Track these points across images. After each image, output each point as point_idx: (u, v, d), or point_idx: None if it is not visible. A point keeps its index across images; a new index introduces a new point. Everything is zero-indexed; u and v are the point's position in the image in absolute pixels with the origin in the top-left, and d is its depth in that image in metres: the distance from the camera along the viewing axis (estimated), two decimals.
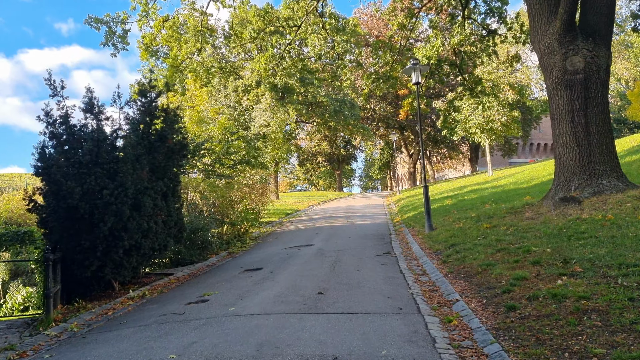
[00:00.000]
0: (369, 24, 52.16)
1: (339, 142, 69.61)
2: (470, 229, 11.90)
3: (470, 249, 9.71)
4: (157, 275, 11.54)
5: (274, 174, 42.90)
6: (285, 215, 26.97)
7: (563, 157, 12.52)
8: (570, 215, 10.65)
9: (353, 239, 14.52)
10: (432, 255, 10.53)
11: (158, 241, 9.77)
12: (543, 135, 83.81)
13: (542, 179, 22.89)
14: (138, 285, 10.13)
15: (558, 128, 12.69)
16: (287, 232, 18.57)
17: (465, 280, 7.65)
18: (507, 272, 7.42)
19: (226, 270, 11.23)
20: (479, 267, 8.09)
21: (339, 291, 7.44)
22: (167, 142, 9.70)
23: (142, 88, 9.85)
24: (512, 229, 10.68)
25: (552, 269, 7.05)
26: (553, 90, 12.76)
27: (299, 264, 10.39)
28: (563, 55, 12.47)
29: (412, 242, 12.91)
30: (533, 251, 8.36)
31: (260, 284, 8.52)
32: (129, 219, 8.90)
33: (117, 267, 9.13)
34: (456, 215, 15.71)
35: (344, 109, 42.66)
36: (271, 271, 9.87)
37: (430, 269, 9.02)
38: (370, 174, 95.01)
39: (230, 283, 9.07)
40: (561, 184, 12.48)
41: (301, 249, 13.15)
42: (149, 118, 9.75)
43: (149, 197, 9.34)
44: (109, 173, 8.82)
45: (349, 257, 10.92)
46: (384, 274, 8.83)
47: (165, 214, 10.05)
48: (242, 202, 18.86)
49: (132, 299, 8.72)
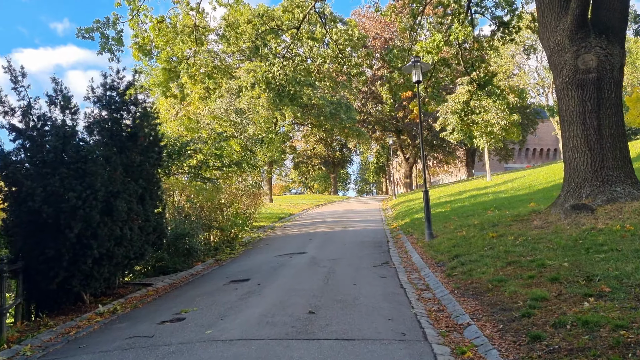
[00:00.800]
0: (367, 25, 51.40)
1: (335, 145, 68.81)
2: (475, 238, 11.05)
3: (477, 260, 8.86)
4: (136, 285, 10.61)
5: (268, 177, 41.97)
6: (278, 220, 26.06)
7: (573, 162, 11.71)
8: (584, 225, 9.83)
9: (348, 246, 13.64)
10: (434, 266, 9.67)
11: (134, 249, 8.86)
12: (539, 141, 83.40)
13: (544, 184, 22.12)
14: (112, 298, 9.21)
15: (568, 131, 11.88)
16: (279, 238, 17.68)
17: (475, 298, 6.79)
18: (522, 290, 6.57)
19: (210, 280, 10.32)
20: (489, 283, 7.23)
21: (332, 310, 6.55)
22: (139, 139, 8.78)
23: (108, 80, 8.89)
24: (521, 238, 9.85)
25: (575, 287, 6.21)
26: (563, 90, 11.96)
27: (290, 275, 9.51)
28: (574, 53, 11.68)
29: (411, 251, 12.05)
30: (548, 265, 7.53)
31: (245, 300, 7.62)
32: (99, 224, 7.99)
33: (87, 278, 8.20)
34: (457, 222, 14.88)
35: (339, 111, 41.84)
36: (258, 283, 8.97)
37: (434, 284, 8.16)
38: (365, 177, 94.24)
39: (212, 297, 8.17)
40: (571, 190, 11.66)
41: (293, 257, 12.26)
42: (118, 114, 8.83)
43: (123, 200, 8.44)
44: (76, 174, 7.91)
45: (344, 268, 10.04)
46: (382, 289, 7.95)
47: (142, 218, 9.14)
48: (231, 206, 17.96)
49: (101, 314, 7.80)
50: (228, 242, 16.66)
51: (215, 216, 16.34)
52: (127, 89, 9.08)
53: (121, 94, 8.96)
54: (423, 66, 14.04)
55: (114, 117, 8.77)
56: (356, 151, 73.76)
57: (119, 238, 8.41)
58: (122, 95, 8.98)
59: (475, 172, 67.27)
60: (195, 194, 14.97)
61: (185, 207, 13.99)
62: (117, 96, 8.92)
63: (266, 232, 20.43)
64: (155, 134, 9.77)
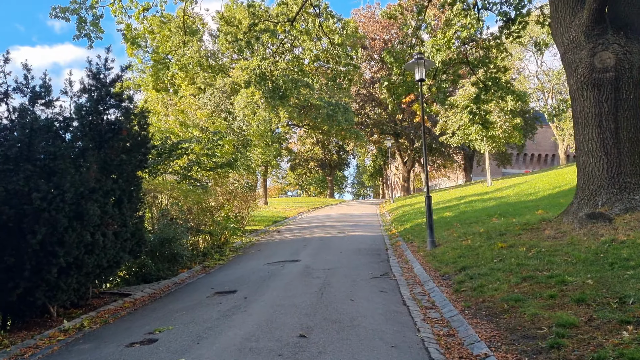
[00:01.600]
0: (366, 26, 50.67)
1: (332, 148, 67.99)
2: (482, 248, 10.22)
3: (487, 274, 8.02)
4: (113, 295, 9.73)
5: (263, 179, 41.09)
6: (272, 223, 25.20)
7: (588, 167, 10.90)
8: (603, 236, 9.00)
9: (345, 254, 12.79)
10: (439, 280, 8.82)
11: (107, 257, 7.97)
12: (537, 146, 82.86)
13: (548, 190, 21.33)
14: (84, 310, 8.33)
15: (582, 134, 11.07)
16: (272, 243, 16.80)
17: (490, 320, 5.94)
18: (544, 312, 5.73)
19: (194, 291, 9.44)
20: (505, 303, 6.39)
21: (327, 333, 5.69)
22: (120, 134, 7.89)
23: (93, 68, 8.02)
24: (533, 250, 9.01)
25: (607, 312, 5.38)
26: (578, 90, 11.15)
27: (280, 288, 8.63)
28: (591, 51, 10.88)
29: (412, 261, 11.20)
30: (570, 283, 6.69)
31: (228, 317, 6.75)
32: (66, 229, 7.11)
33: (52, 289, 7.32)
34: (460, 229, 14.05)
35: (337, 113, 41.04)
36: (245, 297, 8.10)
37: (440, 301, 7.31)
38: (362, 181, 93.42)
39: (192, 313, 7.29)
40: (586, 197, 10.84)
41: (285, 265, 11.39)
42: (100, 106, 7.94)
43: (96, 202, 7.56)
44: (43, 172, 7.04)
45: (340, 279, 9.18)
46: (383, 306, 7.10)
47: (118, 223, 8.26)
48: (222, 209, 17.09)
49: (65, 331, 6.91)
50: (218, 247, 15.80)
51: (204, 219, 15.47)
52: (114, 80, 8.21)
53: (107, 84, 8.07)
54: (427, 63, 13.22)
55: (95, 107, 7.88)
56: (353, 154, 72.97)
57: (89, 245, 7.53)
58: (108, 86, 8.09)
59: (473, 177, 66.58)
60: (182, 196, 14.08)
61: (171, 210, 13.08)
62: (102, 86, 8.03)
63: (259, 236, 19.56)
64: (145, 133, 8.89)
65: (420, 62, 13.00)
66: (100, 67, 8.09)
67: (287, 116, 34.47)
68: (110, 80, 8.12)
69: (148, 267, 11.59)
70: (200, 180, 15.82)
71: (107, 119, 7.96)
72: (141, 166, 8.91)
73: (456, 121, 32.74)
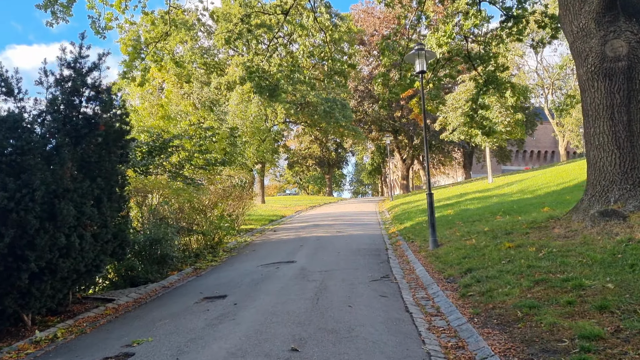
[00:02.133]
0: (365, 21, 50.03)
1: (330, 145, 67.38)
2: (488, 248, 9.63)
3: (495, 277, 7.44)
4: (96, 300, 9.13)
5: (260, 177, 40.48)
6: (268, 222, 24.60)
7: (599, 162, 10.32)
8: (618, 235, 8.43)
9: (343, 254, 12.20)
10: (443, 282, 8.24)
11: (85, 261, 7.37)
12: (536, 143, 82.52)
13: (552, 187, 20.76)
14: (62, 317, 7.74)
15: (593, 127, 10.49)
16: (268, 243, 16.21)
17: (502, 330, 5.36)
18: (563, 321, 5.15)
19: (181, 296, 8.85)
20: (518, 310, 5.81)
21: (321, 346, 5.11)
22: (97, 128, 7.28)
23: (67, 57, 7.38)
24: (544, 250, 8.43)
25: (635, 320, 4.80)
26: (588, 81, 10.56)
27: (273, 292, 8.04)
28: (602, 39, 10.29)
29: (414, 262, 10.62)
30: (588, 287, 6.11)
31: (214, 327, 6.16)
32: (38, 231, 6.51)
33: (24, 296, 6.73)
34: (463, 228, 13.47)
35: (334, 109, 40.43)
36: (235, 303, 7.51)
37: (446, 307, 6.72)
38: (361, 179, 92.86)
39: (176, 321, 6.70)
40: (597, 194, 10.26)
41: (280, 267, 10.80)
42: (76, 98, 7.33)
43: (71, 202, 6.95)
44: (10, 168, 6.44)
45: (337, 283, 8.59)
46: (384, 313, 6.51)
47: (98, 224, 7.66)
48: (216, 208, 16.48)
49: (36, 343, 6.31)
50: (211, 247, 15.21)
51: (196, 219, 14.87)
52: (91, 69, 7.57)
53: (82, 74, 7.43)
54: (428, 54, 12.61)
55: (70, 99, 7.26)
56: (352, 151, 72.38)
57: (64, 248, 6.93)
58: (84, 76, 7.46)
59: (473, 174, 66.05)
60: (173, 194, 13.48)
61: (160, 210, 12.47)
62: (78, 76, 7.40)
63: (254, 236, 18.96)
64: (122, 125, 8.26)
65: (421, 53, 12.41)
66: (76, 55, 7.44)
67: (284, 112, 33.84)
68: (86, 69, 7.48)
69: (136, 269, 11.01)
70: (193, 178, 15.17)
71: (85, 112, 7.34)
72: (122, 161, 8.30)
73: (456, 117, 32.14)
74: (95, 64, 7.61)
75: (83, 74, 7.43)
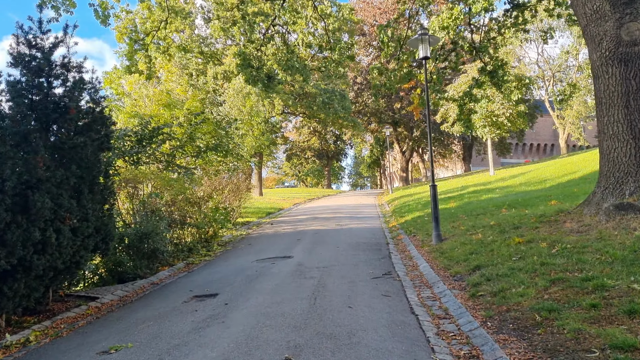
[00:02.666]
0: (365, 11, 49.22)
1: (329, 138, 66.72)
2: (496, 244, 9.09)
3: (507, 275, 6.90)
4: (79, 298, 8.57)
5: (258, 169, 39.87)
6: (266, 215, 24.05)
7: (613, 153, 9.75)
8: (636, 230, 7.88)
9: (342, 249, 11.66)
10: (449, 280, 7.69)
11: (63, 257, 6.79)
12: (536, 136, 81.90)
13: (558, 179, 20.22)
14: (41, 317, 7.18)
15: (607, 115, 9.91)
16: (264, 237, 15.66)
17: (520, 337, 4.82)
18: (589, 327, 4.62)
19: (170, 294, 8.30)
20: (536, 313, 5.27)
21: (319, 355, 4.57)
22: (68, 112, 6.67)
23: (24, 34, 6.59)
24: (557, 246, 7.88)
25: None
26: (602, 66, 9.97)
27: (268, 291, 7.50)
28: (617, 22, 9.69)
29: (417, 257, 10.08)
30: (611, 287, 5.57)
31: (201, 331, 5.61)
32: (9, 225, 5.94)
33: None
34: (467, 221, 12.93)
35: (333, 100, 39.75)
36: (226, 302, 6.96)
37: (455, 308, 6.17)
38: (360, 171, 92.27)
39: (161, 324, 6.15)
40: (610, 186, 9.70)
41: (276, 262, 10.26)
42: (43, 79, 6.69)
43: (47, 194, 6.37)
44: None
45: (336, 280, 8.05)
46: (388, 315, 5.96)
47: (77, 217, 7.08)
48: (211, 200, 15.91)
49: (5, 349, 5.76)
50: (205, 241, 14.67)
51: (190, 211, 14.30)
52: (54, 45, 6.91)
53: (45, 51, 6.79)
54: (432, 40, 12.01)
55: (37, 82, 6.63)
56: (350, 144, 71.73)
57: (39, 243, 6.36)
58: (48, 54, 6.82)
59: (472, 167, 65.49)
60: (165, 185, 12.90)
61: (150, 202, 11.89)
62: (40, 54, 6.75)
63: (251, 229, 18.41)
64: (100, 108, 7.65)
65: (425, 38, 11.80)
66: (35, 30, 6.72)
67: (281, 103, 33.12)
68: (49, 45, 6.80)
69: (124, 264, 10.46)
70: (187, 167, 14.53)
71: (53, 93, 6.69)
72: (103, 148, 7.69)
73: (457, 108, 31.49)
74: (60, 39, 6.93)
75: (46, 51, 6.75)
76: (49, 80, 6.72)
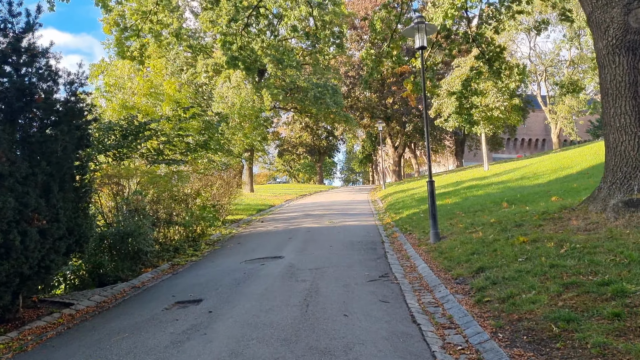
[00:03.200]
0: (357, 4, 48.58)
1: (321, 133, 66.08)
2: (499, 243, 8.58)
3: (514, 278, 6.38)
4: (54, 304, 7.96)
5: (249, 165, 39.18)
6: (256, 212, 23.43)
7: (620, 146, 9.27)
8: None
9: (336, 248, 11.12)
10: (451, 284, 7.18)
11: (29, 262, 6.17)
12: (527, 131, 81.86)
13: (554, 174, 19.81)
14: (8, 327, 6.57)
15: (613, 107, 9.42)
16: (254, 235, 15.08)
17: (537, 351, 4.30)
18: (615, 341, 4.11)
19: (151, 300, 7.71)
20: (551, 323, 4.76)
21: None
22: (33, 100, 6.06)
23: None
24: (566, 246, 7.38)
25: None
26: (608, 55, 9.48)
27: (256, 296, 6.93)
28: (624, 8, 9.19)
29: (415, 257, 9.56)
30: (633, 294, 5.07)
31: (179, 346, 5.04)
32: None
33: None
34: (466, 219, 12.44)
35: (325, 95, 39.12)
36: (210, 310, 6.38)
37: (460, 316, 5.65)
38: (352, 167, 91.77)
39: (136, 336, 5.57)
40: (618, 181, 9.22)
41: (265, 264, 9.69)
42: (9, 66, 6.06)
43: (9, 191, 5.75)
44: None
45: (330, 284, 7.50)
46: (387, 325, 5.43)
47: (48, 217, 6.46)
48: (199, 197, 15.30)
49: None
50: (193, 240, 14.06)
51: (176, 209, 13.69)
52: (25, 30, 6.28)
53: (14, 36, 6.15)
54: (428, 28, 11.45)
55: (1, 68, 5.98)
56: (342, 139, 71.15)
57: (2, 247, 5.74)
58: (17, 39, 6.18)
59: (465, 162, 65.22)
60: (150, 182, 12.27)
61: (133, 199, 11.27)
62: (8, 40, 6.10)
63: (241, 227, 17.82)
64: (75, 98, 7.03)
65: (421, 26, 11.25)
66: (5, 15, 6.11)
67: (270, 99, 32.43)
68: (18, 30, 6.17)
69: (105, 266, 9.85)
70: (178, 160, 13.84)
71: (17, 81, 6.06)
72: (81, 145, 7.08)
73: (451, 103, 31.04)
74: (31, 23, 6.28)
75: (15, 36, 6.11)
76: (18, 68, 6.08)
